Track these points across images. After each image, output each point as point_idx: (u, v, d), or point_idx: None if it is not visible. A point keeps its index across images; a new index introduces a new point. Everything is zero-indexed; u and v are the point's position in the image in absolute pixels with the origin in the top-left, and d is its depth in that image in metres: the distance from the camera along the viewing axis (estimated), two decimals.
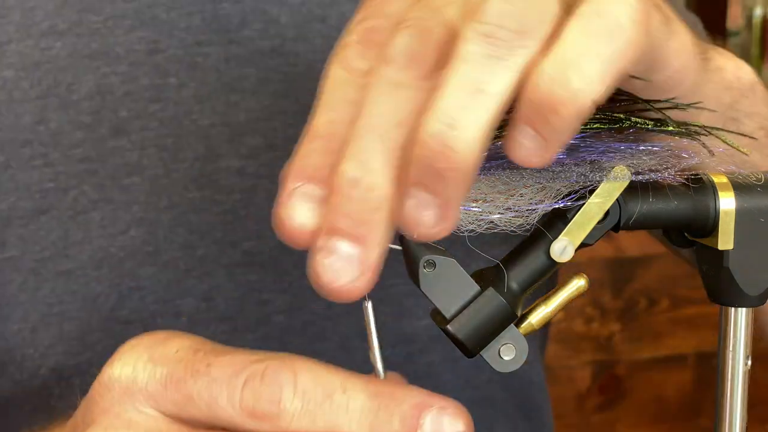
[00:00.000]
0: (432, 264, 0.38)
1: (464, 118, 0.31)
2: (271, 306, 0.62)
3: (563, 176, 0.38)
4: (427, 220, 0.33)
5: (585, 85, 0.32)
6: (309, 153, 0.34)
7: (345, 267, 0.33)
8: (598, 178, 0.38)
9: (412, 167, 0.32)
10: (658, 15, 0.36)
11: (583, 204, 0.38)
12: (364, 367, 0.64)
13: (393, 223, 0.33)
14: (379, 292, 0.63)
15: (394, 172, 0.32)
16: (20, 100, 0.58)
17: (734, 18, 1.86)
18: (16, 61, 0.58)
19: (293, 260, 0.62)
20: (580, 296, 0.40)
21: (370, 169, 0.32)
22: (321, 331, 0.63)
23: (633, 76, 0.37)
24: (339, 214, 0.33)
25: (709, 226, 0.40)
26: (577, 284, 0.40)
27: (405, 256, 0.38)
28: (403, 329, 0.65)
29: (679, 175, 0.39)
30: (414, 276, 0.38)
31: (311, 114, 0.35)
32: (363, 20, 0.35)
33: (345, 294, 0.33)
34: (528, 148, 0.33)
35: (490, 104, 0.32)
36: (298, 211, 0.33)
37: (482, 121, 0.31)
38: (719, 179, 0.41)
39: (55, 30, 0.59)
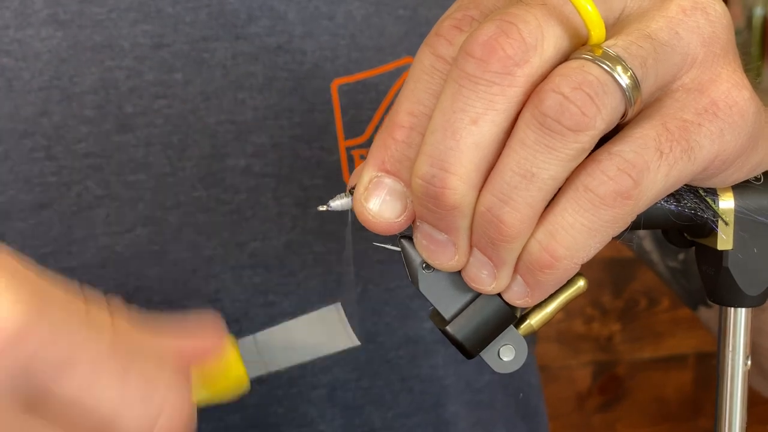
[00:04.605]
0: (431, 265, 0.38)
1: (515, 195, 0.34)
2: (277, 308, 0.62)
3: None
4: (483, 278, 0.37)
5: (569, 253, 0.35)
6: (388, 144, 0.36)
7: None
8: None
9: (473, 231, 0.36)
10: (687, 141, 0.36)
11: None
12: (368, 368, 0.64)
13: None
14: (383, 294, 0.64)
15: (466, 169, 0.34)
16: (20, 90, 0.58)
17: (734, 18, 1.86)
18: (15, 49, 0.58)
19: (299, 262, 0.62)
20: (579, 296, 0.40)
21: (441, 168, 0.34)
22: None
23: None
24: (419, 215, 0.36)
25: (709, 226, 0.40)
26: (577, 284, 0.40)
27: (404, 258, 0.38)
28: (407, 332, 0.65)
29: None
30: (413, 277, 0.38)
31: (396, 100, 0.37)
32: (458, 9, 0.36)
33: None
34: (516, 292, 0.37)
35: (539, 187, 0.34)
36: (373, 200, 0.36)
37: (530, 200, 0.34)
38: None
39: (55, 19, 0.58)
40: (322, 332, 0.41)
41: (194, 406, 0.37)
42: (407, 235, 0.38)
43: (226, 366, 0.39)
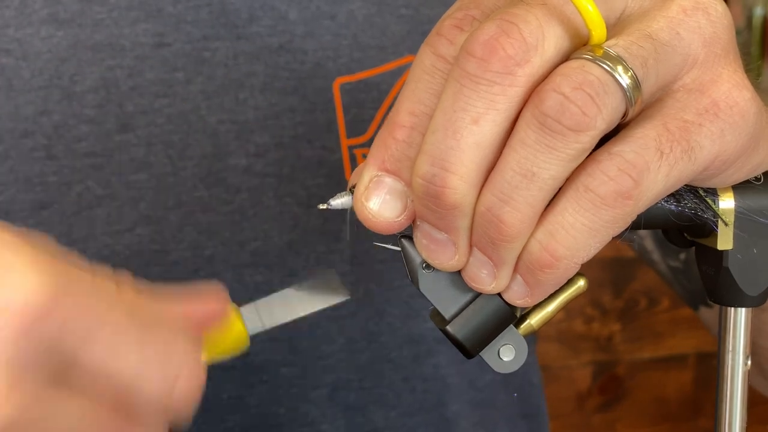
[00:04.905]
0: (431, 265, 0.38)
1: (515, 195, 0.34)
2: None
3: None
4: (483, 278, 0.37)
5: (569, 253, 0.35)
6: (389, 143, 0.36)
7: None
8: None
9: (473, 230, 0.36)
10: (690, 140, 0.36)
11: None
12: (371, 368, 0.64)
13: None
14: (386, 293, 0.64)
15: (466, 169, 0.34)
16: (20, 89, 0.58)
17: (734, 18, 1.86)
18: (15, 48, 0.58)
19: (301, 261, 0.62)
20: (579, 296, 0.40)
21: (442, 167, 0.34)
22: (327, 333, 0.63)
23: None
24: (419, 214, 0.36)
25: (709, 226, 0.40)
26: (577, 284, 0.40)
27: (404, 258, 0.38)
28: (410, 331, 0.65)
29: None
30: (413, 277, 0.38)
31: (397, 99, 0.37)
32: (459, 9, 0.36)
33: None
34: (516, 291, 0.37)
35: (539, 186, 0.34)
36: (374, 200, 0.36)
37: (530, 200, 0.34)
38: None
39: (55, 18, 0.59)
40: (316, 292, 0.42)
41: (205, 367, 0.38)
42: (407, 234, 0.38)
43: (229, 326, 0.41)
